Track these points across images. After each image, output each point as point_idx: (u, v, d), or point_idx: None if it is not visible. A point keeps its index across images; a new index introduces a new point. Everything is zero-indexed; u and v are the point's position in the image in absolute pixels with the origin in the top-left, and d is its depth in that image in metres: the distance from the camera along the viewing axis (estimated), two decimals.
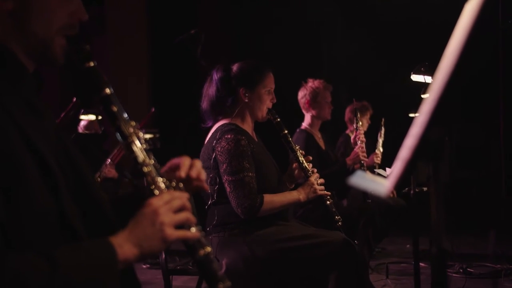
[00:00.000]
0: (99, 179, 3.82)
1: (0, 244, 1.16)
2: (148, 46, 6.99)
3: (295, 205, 3.14)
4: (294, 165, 3.06)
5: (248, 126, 3.06)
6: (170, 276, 2.89)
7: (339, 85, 5.79)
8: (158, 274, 3.26)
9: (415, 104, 4.99)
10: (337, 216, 3.06)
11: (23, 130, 1.25)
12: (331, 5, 7.01)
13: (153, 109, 4.85)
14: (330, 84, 4.53)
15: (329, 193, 3.06)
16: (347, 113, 5.48)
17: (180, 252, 4.66)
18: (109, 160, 3.91)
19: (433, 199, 1.21)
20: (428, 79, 3.54)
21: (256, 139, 3.10)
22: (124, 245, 1.28)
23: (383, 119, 5.12)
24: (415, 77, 3.75)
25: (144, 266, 5.13)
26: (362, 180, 1.60)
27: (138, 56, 6.88)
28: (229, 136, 2.86)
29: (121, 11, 6.80)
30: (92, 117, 4.88)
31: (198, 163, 1.55)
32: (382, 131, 5.02)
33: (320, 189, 3.00)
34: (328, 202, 3.04)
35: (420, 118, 1.17)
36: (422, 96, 3.90)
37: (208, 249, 1.38)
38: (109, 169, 3.90)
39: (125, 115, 1.42)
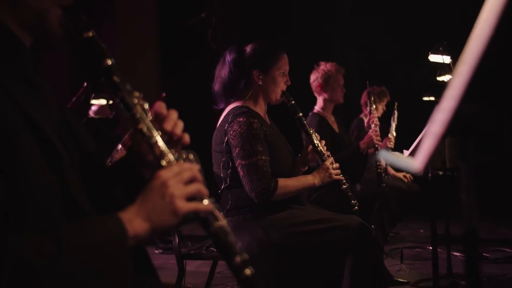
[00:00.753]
0: (110, 164, 3.78)
1: (0, 223, 1.11)
2: (157, 30, 6.93)
3: (309, 189, 3.09)
4: (308, 149, 3.00)
5: (260, 108, 3.00)
6: (184, 261, 2.85)
7: (351, 67, 5.70)
8: (171, 259, 3.24)
9: (429, 87, 4.92)
10: (353, 200, 3.00)
11: (20, 106, 1.20)
12: None
13: (163, 94, 4.81)
14: (342, 67, 4.46)
15: (344, 177, 3.01)
16: (363, 97, 5.40)
17: (192, 237, 4.64)
18: (120, 145, 3.86)
19: (464, 178, 1.15)
20: (446, 59, 3.44)
21: (269, 122, 3.04)
22: (133, 220, 1.22)
23: (396, 103, 5.05)
24: (434, 57, 3.66)
25: (157, 251, 5.13)
26: (391, 157, 1.55)
27: (147, 41, 6.83)
28: (241, 119, 2.81)
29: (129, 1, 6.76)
30: (103, 101, 4.84)
31: (174, 114, 1.43)
32: (395, 115, 4.95)
33: (336, 174, 2.94)
34: (343, 186, 2.99)
35: (452, 92, 1.11)
36: (438, 78, 3.83)
37: (223, 221, 1.31)
38: (120, 154, 3.86)
39: (129, 86, 1.35)
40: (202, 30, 4.99)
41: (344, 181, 3.01)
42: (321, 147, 2.98)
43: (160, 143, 1.32)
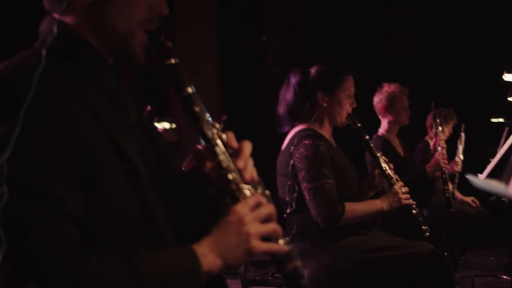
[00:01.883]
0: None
1: (79, 243, 1.10)
2: (218, 52, 7.01)
3: (377, 214, 3.00)
4: (375, 172, 2.92)
5: (326, 131, 2.95)
6: (249, 287, 2.81)
7: (414, 87, 5.58)
8: (236, 284, 3.19)
9: (498, 108, 4.74)
10: (425, 226, 2.89)
11: (105, 124, 1.20)
12: (401, 3, 6.81)
13: (224, 117, 4.81)
14: (407, 88, 4.35)
15: (414, 202, 2.90)
16: (429, 119, 5.26)
17: (257, 262, 4.58)
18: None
19: None
20: None
21: (335, 145, 2.98)
22: (208, 255, 1.20)
23: (463, 125, 4.89)
24: (509, 77, 3.50)
25: None
26: (484, 183, 1.46)
27: (207, 62, 6.91)
28: (307, 142, 2.76)
29: (191, 22, 6.87)
30: (166, 125, 4.89)
31: (247, 149, 1.36)
32: (463, 138, 4.80)
33: (405, 198, 2.84)
34: (414, 211, 2.88)
35: None
36: (510, 98, 3.68)
37: (297, 263, 1.27)
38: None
39: (208, 117, 1.32)
40: (263, 53, 5.00)
41: (414, 206, 2.91)
42: (389, 171, 2.89)
43: (237, 178, 1.29)
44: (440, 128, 4.23)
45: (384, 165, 2.89)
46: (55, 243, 1.06)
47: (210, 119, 1.33)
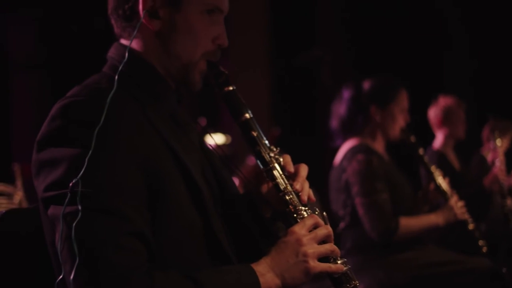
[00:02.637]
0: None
1: (145, 259, 1.17)
2: (269, 67, 7.07)
3: (433, 229, 2.96)
4: (430, 186, 2.88)
5: (379, 145, 2.94)
6: None
7: (469, 98, 5.46)
8: None
9: None
10: (481, 241, 2.84)
11: (170, 145, 1.26)
12: (453, 13, 6.70)
13: (278, 131, 4.85)
14: (463, 101, 4.29)
15: (470, 217, 2.85)
16: (485, 131, 5.13)
17: None
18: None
19: None
20: None
21: (388, 159, 2.97)
22: (266, 274, 1.24)
23: None
24: None
25: None
26: None
27: (259, 78, 6.98)
28: (360, 156, 2.77)
29: (243, 35, 6.96)
30: (220, 138, 4.96)
31: (304, 171, 1.40)
32: None
33: (461, 213, 2.80)
34: (470, 226, 2.83)
35: None
36: None
37: (356, 283, 1.30)
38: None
39: (265, 140, 1.38)
40: (315, 67, 5.02)
41: (470, 220, 2.86)
42: (444, 185, 2.85)
43: (295, 200, 1.33)
44: (498, 141, 4.13)
45: (439, 179, 2.86)
46: (124, 259, 1.12)
47: (267, 142, 1.38)
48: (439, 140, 4.23)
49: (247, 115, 1.37)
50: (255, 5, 6.94)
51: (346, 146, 2.91)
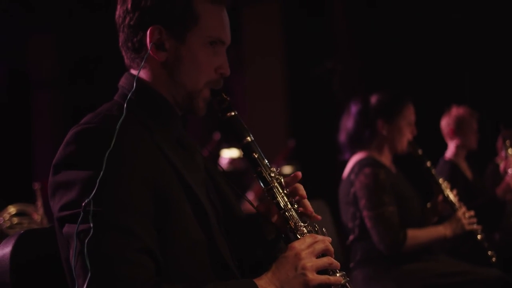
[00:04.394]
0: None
1: (153, 273, 1.24)
2: (284, 80, 7.13)
3: (441, 241, 2.98)
4: (439, 198, 2.92)
5: (386, 158, 2.99)
6: None
7: (483, 107, 5.44)
8: None
9: None
10: (490, 252, 2.86)
11: (176, 167, 1.35)
12: (472, 23, 6.68)
13: (293, 143, 4.91)
14: (476, 111, 4.29)
15: (479, 227, 2.88)
16: (499, 140, 5.10)
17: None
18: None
19: None
20: None
21: (395, 171, 3.01)
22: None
23: None
24: None
25: None
26: None
27: (275, 91, 7.04)
28: (367, 170, 2.82)
29: (258, 49, 7.04)
30: (235, 153, 5.02)
31: (302, 191, 1.49)
32: None
33: (469, 224, 2.83)
34: (479, 236, 2.86)
35: None
36: None
37: None
38: (247, 205, 3.98)
39: (266, 161, 1.46)
40: (328, 79, 5.07)
41: (478, 231, 2.88)
42: (452, 197, 2.88)
43: (295, 216, 1.42)
44: (510, 150, 4.12)
45: (447, 191, 2.89)
46: (133, 273, 1.21)
47: (267, 163, 1.47)
48: (451, 150, 4.23)
49: (248, 138, 1.46)
50: (270, 20, 7.01)
51: (353, 160, 2.96)
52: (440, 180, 2.92)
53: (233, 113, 1.47)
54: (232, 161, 5.04)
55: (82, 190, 1.23)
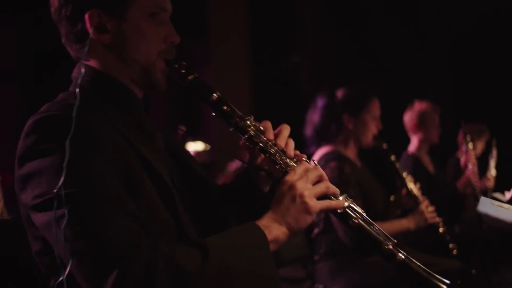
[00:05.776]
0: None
1: (145, 235, 1.22)
2: (250, 73, 7.12)
3: (404, 234, 3.04)
4: (402, 192, 2.96)
5: (351, 152, 3.02)
6: None
7: (445, 103, 5.54)
8: None
9: None
10: (452, 244, 2.92)
11: (138, 150, 1.33)
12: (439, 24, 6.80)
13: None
14: (438, 106, 4.37)
15: (440, 220, 2.94)
16: (460, 135, 5.21)
17: (288, 279, 4.64)
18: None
19: None
20: None
21: (360, 166, 3.04)
22: (270, 225, 1.30)
23: (494, 140, 4.84)
24: None
25: None
26: (491, 208, 1.51)
27: (240, 84, 7.02)
28: (332, 164, 2.83)
29: (224, 42, 7.00)
30: (200, 146, 5.00)
31: (286, 131, 1.47)
32: (494, 153, 4.75)
33: (431, 217, 2.88)
34: (440, 229, 2.92)
35: None
36: None
37: (363, 213, 1.37)
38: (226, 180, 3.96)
39: (239, 112, 1.43)
40: (295, 73, 5.08)
41: (440, 224, 2.94)
42: (415, 191, 2.93)
43: (282, 156, 1.39)
44: (470, 145, 4.21)
45: (410, 185, 2.94)
46: (126, 236, 1.19)
47: (241, 114, 1.43)
48: (414, 144, 4.31)
49: (215, 95, 1.44)
50: (235, 12, 6.98)
51: (319, 153, 2.98)
52: (404, 174, 2.97)
53: (193, 76, 1.45)
54: (197, 154, 5.02)
55: (52, 176, 1.21)
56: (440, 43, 7.01)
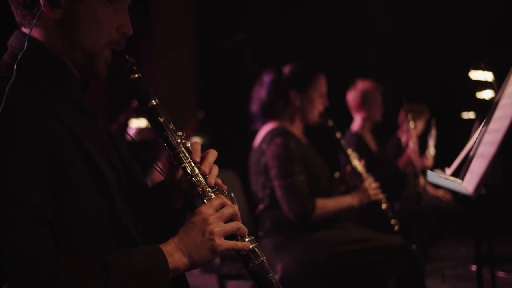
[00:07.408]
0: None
1: (51, 244, 1.16)
2: (194, 51, 7.03)
3: (348, 210, 3.08)
4: (347, 169, 2.99)
5: (297, 129, 3.01)
6: (225, 281, 2.87)
7: (388, 84, 5.64)
8: (212, 279, 3.26)
9: (469, 104, 4.83)
10: (393, 220, 2.99)
11: (72, 131, 1.26)
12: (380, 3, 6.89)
13: (201, 114, 4.86)
14: (380, 85, 4.44)
15: (383, 196, 2.99)
16: (401, 114, 5.33)
17: (232, 256, 4.64)
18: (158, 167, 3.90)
19: None
20: (489, 76, 3.38)
21: (306, 142, 3.05)
22: (174, 253, 1.28)
23: (433, 120, 4.97)
24: (475, 74, 3.59)
25: (197, 272, 5.12)
26: (440, 179, 1.54)
27: (184, 62, 6.93)
28: (278, 140, 2.83)
29: (167, 19, 6.87)
30: (143, 123, 4.91)
31: (212, 156, 1.44)
32: (433, 133, 4.88)
33: (374, 194, 2.93)
34: (383, 206, 2.97)
35: (503, 112, 1.10)
36: (478, 95, 3.76)
37: (263, 259, 1.36)
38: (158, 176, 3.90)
39: (172, 126, 1.41)
40: (239, 51, 5.04)
41: (383, 200, 3.00)
42: (359, 168, 2.97)
43: (202, 182, 1.37)
44: (411, 124, 4.30)
45: (355, 162, 2.97)
46: (29, 245, 1.12)
47: (174, 128, 1.41)
48: (357, 123, 4.37)
49: (153, 102, 1.40)
50: None
51: (264, 130, 2.97)
52: (349, 151, 2.99)
53: (136, 75, 1.40)
54: (140, 131, 4.92)
55: None
56: (384, 24, 7.13)
